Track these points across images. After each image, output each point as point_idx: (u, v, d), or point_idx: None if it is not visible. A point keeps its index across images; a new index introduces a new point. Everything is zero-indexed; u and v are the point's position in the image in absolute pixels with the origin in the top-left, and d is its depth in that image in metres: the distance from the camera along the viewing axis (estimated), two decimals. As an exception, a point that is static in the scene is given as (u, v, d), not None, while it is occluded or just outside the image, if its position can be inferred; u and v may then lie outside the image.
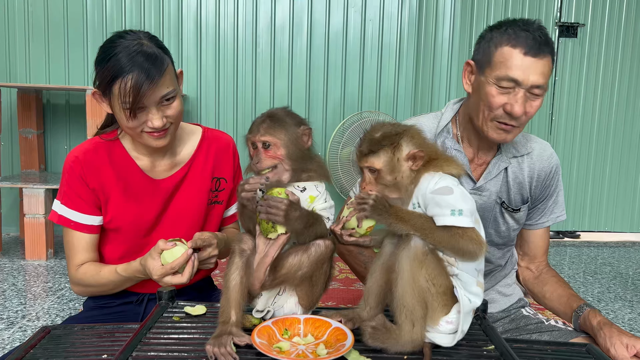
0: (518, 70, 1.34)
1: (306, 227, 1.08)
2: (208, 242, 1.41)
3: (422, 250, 1.00)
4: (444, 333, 1.02)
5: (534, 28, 1.36)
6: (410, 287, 0.98)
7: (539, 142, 1.58)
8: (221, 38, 3.62)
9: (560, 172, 1.59)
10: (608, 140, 4.04)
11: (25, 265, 3.03)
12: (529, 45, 1.34)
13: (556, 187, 1.58)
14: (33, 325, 2.21)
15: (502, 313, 1.61)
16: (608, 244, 4.06)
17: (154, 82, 1.31)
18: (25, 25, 3.51)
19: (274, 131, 1.10)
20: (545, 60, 1.35)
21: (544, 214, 1.59)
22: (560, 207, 1.60)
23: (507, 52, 1.36)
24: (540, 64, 1.34)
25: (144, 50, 1.33)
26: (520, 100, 1.35)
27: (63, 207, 1.47)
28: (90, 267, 1.49)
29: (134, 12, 3.55)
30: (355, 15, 3.66)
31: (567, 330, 1.48)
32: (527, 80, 1.34)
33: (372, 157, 1.06)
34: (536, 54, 1.34)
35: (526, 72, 1.34)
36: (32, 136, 3.47)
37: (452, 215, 0.99)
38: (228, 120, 3.69)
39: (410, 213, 1.02)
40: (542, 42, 1.35)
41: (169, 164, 1.53)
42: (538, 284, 1.60)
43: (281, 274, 1.10)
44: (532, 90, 1.35)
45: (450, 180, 1.04)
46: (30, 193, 3.03)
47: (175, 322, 1.15)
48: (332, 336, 1.04)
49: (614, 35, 3.92)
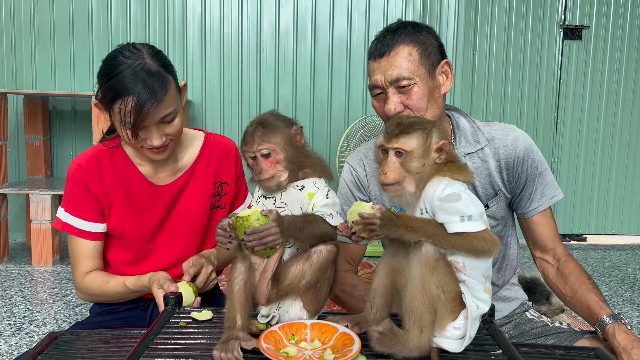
0: (373, 76, 1.41)
1: (299, 231, 1.06)
2: (198, 265, 1.43)
3: (433, 257, 0.98)
4: (452, 339, 1.02)
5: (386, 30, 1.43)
6: (420, 293, 0.97)
7: (502, 128, 1.51)
8: (226, 43, 3.64)
9: (534, 153, 1.48)
10: (614, 142, 4.02)
11: (32, 271, 3.04)
12: (374, 50, 1.41)
13: (535, 169, 1.48)
14: (40, 331, 2.21)
15: (506, 319, 1.59)
16: (615, 246, 4.04)
17: (154, 104, 1.31)
18: (31, 32, 3.53)
19: (269, 138, 1.10)
20: (394, 52, 1.38)
21: (532, 199, 1.50)
22: (551, 187, 1.51)
23: (369, 65, 1.45)
24: (390, 59, 1.38)
25: (147, 70, 1.32)
26: (389, 100, 1.38)
27: (67, 214, 1.48)
28: (97, 276, 1.49)
29: (139, 18, 3.56)
30: (359, 19, 3.67)
31: (572, 331, 1.46)
32: (382, 80, 1.39)
33: (405, 137, 1.02)
34: (381, 54, 1.39)
35: (379, 73, 1.39)
36: (38, 142, 3.49)
37: (461, 221, 0.98)
38: (233, 125, 3.70)
39: (420, 221, 1.00)
40: (387, 38, 1.40)
41: (171, 170, 1.53)
42: (558, 282, 1.50)
43: (285, 286, 1.09)
44: (398, 84, 1.37)
45: (458, 186, 1.03)
46: (36, 199, 3.04)
47: (182, 327, 1.15)
48: (339, 341, 1.03)
49: (619, 37, 3.91)
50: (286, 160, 1.11)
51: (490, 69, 3.83)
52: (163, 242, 1.55)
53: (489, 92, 3.85)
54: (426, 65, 1.40)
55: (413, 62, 1.38)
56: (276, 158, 1.10)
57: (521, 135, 1.49)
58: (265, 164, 1.10)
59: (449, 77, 1.46)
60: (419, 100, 1.37)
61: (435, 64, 1.42)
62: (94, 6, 3.53)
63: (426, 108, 1.39)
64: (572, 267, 1.50)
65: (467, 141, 1.48)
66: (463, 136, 1.48)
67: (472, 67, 3.81)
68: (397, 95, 1.38)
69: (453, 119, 1.51)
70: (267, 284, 1.06)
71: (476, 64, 3.82)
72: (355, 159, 1.59)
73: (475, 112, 3.82)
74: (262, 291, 1.07)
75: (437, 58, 1.43)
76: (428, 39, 1.42)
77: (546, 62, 3.87)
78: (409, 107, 1.38)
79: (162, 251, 1.54)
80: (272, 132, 1.11)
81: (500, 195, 1.49)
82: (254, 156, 1.11)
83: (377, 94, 1.43)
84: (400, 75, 1.37)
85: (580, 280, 1.46)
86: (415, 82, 1.37)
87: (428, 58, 1.41)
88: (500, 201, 1.50)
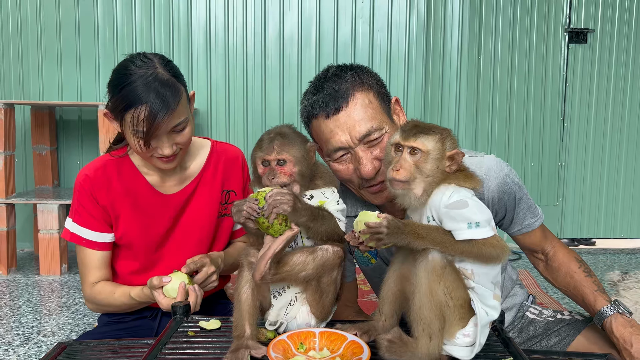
0: (333, 138, 1.20)
1: (314, 220, 1.07)
2: (200, 263, 1.41)
3: (440, 264, 0.98)
4: (461, 346, 1.01)
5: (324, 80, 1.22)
6: (428, 300, 0.97)
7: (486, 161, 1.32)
8: (230, 51, 3.65)
9: (508, 184, 1.33)
10: (621, 145, 4.00)
11: (39, 280, 3.05)
12: (326, 105, 1.19)
13: (512, 199, 1.36)
14: (48, 341, 2.21)
15: (508, 327, 1.57)
16: (624, 250, 4.00)
17: (167, 114, 1.32)
18: (38, 43, 3.56)
19: (288, 148, 1.11)
20: (352, 103, 1.19)
21: (516, 222, 1.41)
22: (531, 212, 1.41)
23: (316, 126, 1.23)
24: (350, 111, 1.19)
25: (160, 80, 1.33)
26: (364, 158, 1.20)
27: (75, 224, 1.48)
28: (104, 287, 1.49)
29: (144, 27, 3.59)
30: (364, 25, 3.68)
31: (574, 321, 1.44)
32: (349, 140, 1.20)
33: (423, 137, 1.02)
34: (337, 109, 1.19)
35: (341, 133, 1.19)
36: (45, 152, 3.51)
37: (469, 228, 0.98)
38: (238, 133, 3.71)
39: (427, 228, 1.00)
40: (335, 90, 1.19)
41: (179, 179, 1.53)
42: (550, 276, 1.47)
43: (283, 270, 1.08)
44: (369, 138, 1.19)
45: (465, 192, 1.02)
46: (44, 209, 3.05)
47: (191, 336, 1.14)
48: (348, 350, 1.03)
49: (625, 40, 3.90)
50: (299, 174, 1.12)
51: (495, 73, 3.82)
52: (171, 251, 1.55)
53: (495, 96, 3.83)
54: (385, 109, 1.26)
55: (375, 109, 1.22)
56: (291, 169, 1.11)
57: (491, 170, 1.31)
58: (279, 171, 1.10)
59: (401, 116, 1.33)
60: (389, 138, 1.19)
61: (388, 107, 1.29)
62: (100, 16, 3.56)
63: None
64: (560, 260, 1.44)
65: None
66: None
67: (477, 72, 3.80)
68: (367, 151, 1.22)
69: None
70: (266, 261, 1.05)
71: (481, 68, 3.81)
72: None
73: (481, 118, 3.82)
74: (260, 267, 1.05)
75: (387, 98, 1.30)
76: (373, 79, 1.27)
77: (551, 66, 3.86)
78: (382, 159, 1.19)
79: (169, 260, 1.54)
80: (291, 144, 1.12)
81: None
82: (268, 163, 1.11)
83: (340, 157, 1.24)
84: (371, 128, 1.20)
85: (571, 271, 1.41)
86: (386, 130, 1.22)
87: (383, 100, 1.27)
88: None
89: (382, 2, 3.65)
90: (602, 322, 1.32)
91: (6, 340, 2.21)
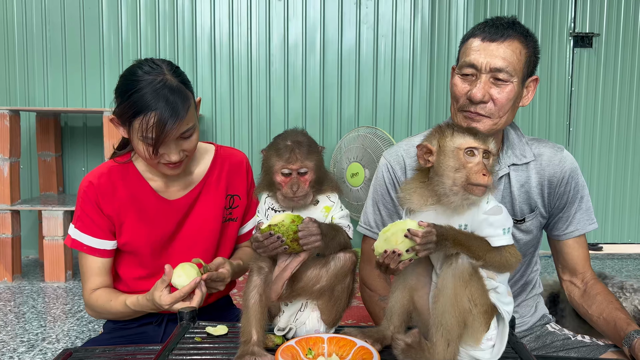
0: (475, 54, 1.34)
1: (332, 239, 1.07)
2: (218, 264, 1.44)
3: (468, 270, 0.96)
4: (485, 350, 1.00)
5: (501, 19, 1.37)
6: (452, 307, 0.95)
7: (550, 146, 1.50)
8: (235, 58, 3.65)
9: (578, 176, 1.48)
10: (628, 149, 3.98)
11: (44, 287, 3.04)
12: (488, 31, 1.35)
13: (577, 192, 1.47)
14: (53, 348, 2.20)
15: (526, 331, 1.56)
16: (632, 255, 3.97)
17: (177, 121, 1.31)
18: (43, 50, 3.57)
19: (310, 157, 1.11)
20: (507, 43, 1.33)
21: (570, 222, 1.47)
22: (589, 214, 1.48)
23: (469, 42, 1.38)
24: (501, 47, 1.32)
25: (169, 86, 1.32)
26: (480, 85, 1.32)
27: (77, 231, 1.48)
28: (102, 294, 1.48)
29: (149, 34, 3.60)
30: (368, 31, 3.68)
31: (595, 345, 1.42)
32: (485, 64, 1.32)
33: (491, 141, 1.02)
34: (494, 39, 1.33)
35: (483, 56, 1.33)
36: (50, 159, 3.51)
37: (504, 234, 0.98)
38: (243, 139, 3.71)
39: (467, 236, 0.98)
40: (504, 26, 1.34)
41: (183, 184, 1.53)
42: (584, 303, 1.47)
43: (298, 287, 1.09)
44: (496, 75, 1.32)
45: (493, 197, 1.02)
46: (49, 215, 3.05)
47: (197, 342, 1.13)
48: (357, 355, 1.01)
49: (630, 44, 3.89)
50: (315, 181, 1.12)
51: (500, 78, 3.81)
52: (175, 256, 1.54)
53: (500, 101, 3.82)
54: (524, 71, 1.38)
55: (519, 61, 1.35)
56: (311, 178, 1.11)
57: (569, 157, 1.49)
58: (301, 181, 1.10)
59: (530, 94, 1.45)
60: (507, 100, 1.34)
61: (528, 75, 1.41)
62: (105, 23, 3.57)
63: (506, 111, 1.36)
64: (600, 289, 1.47)
65: (514, 153, 1.45)
66: (510, 148, 1.45)
67: (482, 77, 3.79)
68: (489, 84, 1.34)
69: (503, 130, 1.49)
70: (283, 282, 1.05)
71: (486, 73, 3.80)
72: (394, 155, 1.51)
73: (486, 122, 3.80)
74: (277, 288, 1.05)
75: (532, 70, 1.42)
76: (535, 49, 1.41)
77: (557, 70, 3.85)
78: (495, 102, 1.33)
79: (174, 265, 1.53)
80: (311, 153, 1.12)
81: (536, 212, 1.46)
82: (289, 173, 1.10)
83: (466, 74, 1.37)
84: (505, 67, 1.32)
85: (608, 300, 1.43)
86: (513, 81, 1.34)
87: (528, 66, 1.39)
88: (536, 218, 1.47)
89: (386, 8, 3.65)
90: (631, 343, 1.29)
91: (11, 347, 2.20)
